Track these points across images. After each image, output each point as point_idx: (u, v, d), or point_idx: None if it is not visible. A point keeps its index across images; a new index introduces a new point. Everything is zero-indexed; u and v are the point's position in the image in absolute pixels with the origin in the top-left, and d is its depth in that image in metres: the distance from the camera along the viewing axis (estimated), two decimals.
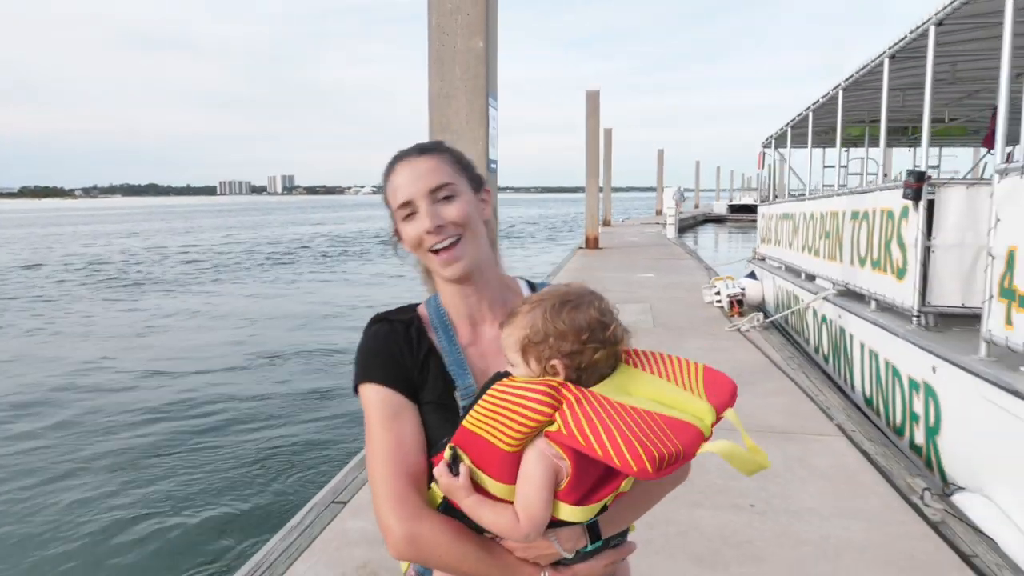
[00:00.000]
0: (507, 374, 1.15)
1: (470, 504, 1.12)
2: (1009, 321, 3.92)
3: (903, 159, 14.91)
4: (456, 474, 1.11)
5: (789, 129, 11.09)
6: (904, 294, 5.54)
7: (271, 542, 3.44)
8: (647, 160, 57.32)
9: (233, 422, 7.65)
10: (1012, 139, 4.70)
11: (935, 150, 12.47)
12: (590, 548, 1.17)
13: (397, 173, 1.29)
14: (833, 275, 7.80)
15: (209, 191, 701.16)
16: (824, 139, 11.43)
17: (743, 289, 10.05)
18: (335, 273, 22.72)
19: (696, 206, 61.14)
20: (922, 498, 3.84)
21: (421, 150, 1.31)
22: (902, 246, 5.61)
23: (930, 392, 4.84)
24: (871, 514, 3.75)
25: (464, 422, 1.10)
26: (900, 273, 5.67)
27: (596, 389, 1.10)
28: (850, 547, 3.40)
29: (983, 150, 11.27)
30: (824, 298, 7.82)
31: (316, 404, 8.28)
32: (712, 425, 1.07)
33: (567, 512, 1.08)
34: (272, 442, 6.99)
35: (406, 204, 1.26)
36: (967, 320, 5.06)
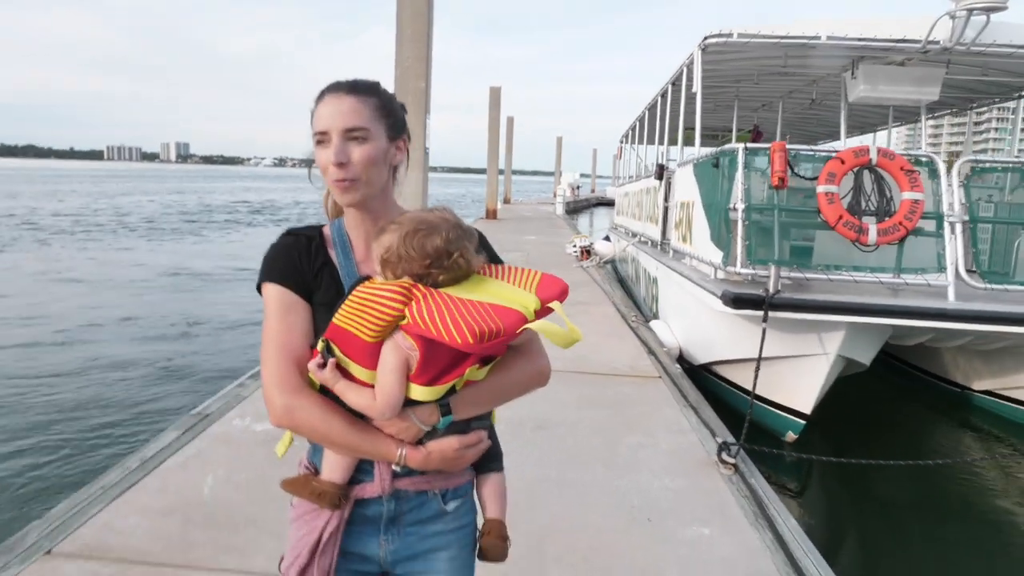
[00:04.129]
0: (369, 278, 1.33)
1: (340, 388, 1.32)
2: (678, 239, 8.20)
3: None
4: (325, 364, 1.31)
5: (630, 131, 15.45)
6: (657, 234, 9.82)
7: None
8: (552, 147, 61.88)
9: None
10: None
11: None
12: (442, 424, 1.36)
13: (324, 103, 1.39)
14: (638, 230, 12.11)
15: (95, 156, 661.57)
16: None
17: (591, 243, 14.37)
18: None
19: (592, 191, 66.49)
20: (633, 320, 8.07)
21: (351, 88, 1.41)
22: (657, 207, 9.89)
23: (656, 281, 9.11)
24: (608, 328, 7.93)
25: (334, 318, 1.29)
26: (657, 223, 9.94)
27: (445, 290, 1.30)
28: (592, 332, 7.53)
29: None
30: (632, 245, 12.15)
31: None
32: (537, 311, 1.30)
33: (418, 392, 1.30)
34: None
35: (322, 133, 1.38)
36: None
